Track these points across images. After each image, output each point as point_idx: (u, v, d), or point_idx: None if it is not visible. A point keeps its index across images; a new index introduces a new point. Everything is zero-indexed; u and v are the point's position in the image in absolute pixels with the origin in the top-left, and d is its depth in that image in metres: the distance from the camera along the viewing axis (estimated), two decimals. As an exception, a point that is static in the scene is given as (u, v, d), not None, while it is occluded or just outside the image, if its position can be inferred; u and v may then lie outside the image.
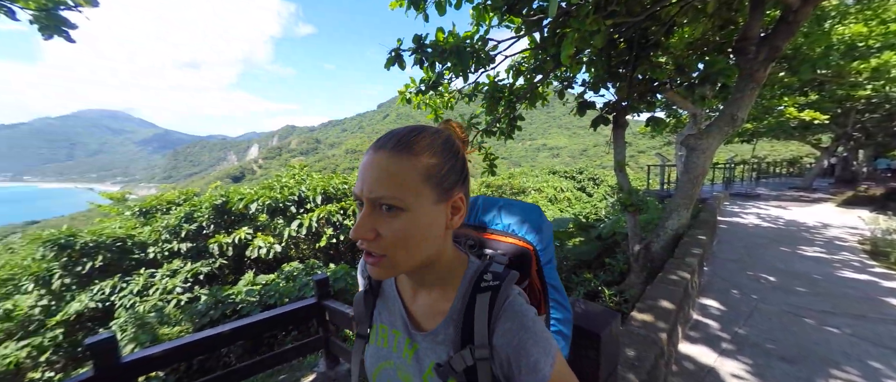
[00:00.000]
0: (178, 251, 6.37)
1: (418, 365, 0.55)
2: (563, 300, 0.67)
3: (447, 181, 0.50)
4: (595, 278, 3.65)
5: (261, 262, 6.66)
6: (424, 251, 0.50)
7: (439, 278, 0.56)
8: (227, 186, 8.42)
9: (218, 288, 4.83)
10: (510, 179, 16.15)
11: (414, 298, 0.60)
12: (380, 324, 0.63)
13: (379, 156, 0.48)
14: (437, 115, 4.83)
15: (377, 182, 0.47)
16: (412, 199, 0.47)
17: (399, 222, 0.47)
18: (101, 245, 5.85)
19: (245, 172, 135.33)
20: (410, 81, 4.20)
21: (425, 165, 0.48)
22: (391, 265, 0.49)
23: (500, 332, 0.49)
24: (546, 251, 0.65)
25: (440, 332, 0.54)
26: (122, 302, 5.47)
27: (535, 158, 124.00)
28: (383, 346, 0.61)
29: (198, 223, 6.59)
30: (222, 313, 4.04)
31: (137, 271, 5.95)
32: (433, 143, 0.50)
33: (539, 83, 4.46)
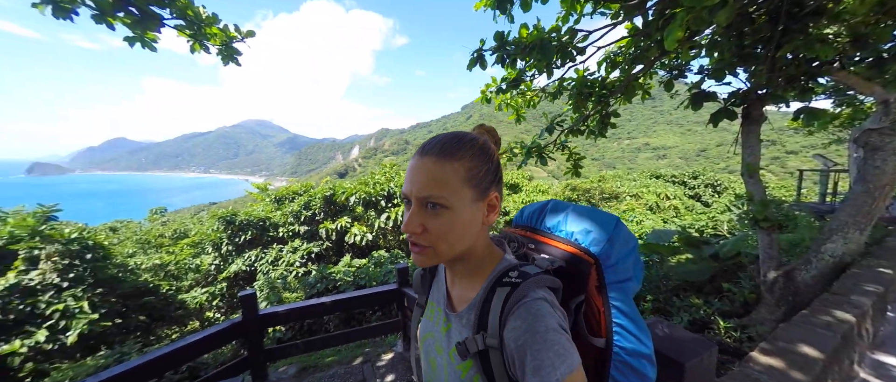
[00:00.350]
0: (298, 232, 7.86)
1: (448, 341, 0.61)
2: (636, 330, 0.59)
3: (484, 182, 0.56)
4: (706, 305, 3.02)
5: (356, 247, 7.67)
6: (462, 243, 0.56)
7: (471, 268, 0.61)
8: (334, 181, 9.95)
9: (324, 266, 5.78)
10: (600, 182, 14.50)
11: (454, 283, 0.66)
12: (431, 301, 0.71)
13: (425, 161, 0.54)
14: (518, 115, 4.72)
15: (424, 184, 0.53)
16: (454, 198, 0.53)
17: (443, 218, 0.53)
18: (250, 223, 7.66)
19: (348, 169, 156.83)
20: (491, 80, 4.21)
21: (465, 168, 0.54)
22: (434, 256, 0.56)
23: (509, 328, 0.51)
24: (615, 268, 0.60)
25: (465, 316, 0.59)
26: (261, 268, 7.04)
27: (634, 159, 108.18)
28: (430, 320, 0.69)
29: (312, 211, 7.99)
30: (326, 287, 4.83)
31: (272, 245, 7.58)
32: (471, 148, 0.55)
33: (639, 74, 3.92)
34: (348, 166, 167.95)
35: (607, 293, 0.60)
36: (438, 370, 0.62)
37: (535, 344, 0.48)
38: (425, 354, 0.68)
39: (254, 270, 7.15)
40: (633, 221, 8.97)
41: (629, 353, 0.58)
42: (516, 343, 0.49)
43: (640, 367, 0.58)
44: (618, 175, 17.60)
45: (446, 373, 0.59)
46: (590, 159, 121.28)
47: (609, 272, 0.60)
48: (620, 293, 0.60)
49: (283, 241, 7.76)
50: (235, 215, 7.62)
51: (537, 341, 0.48)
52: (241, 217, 7.60)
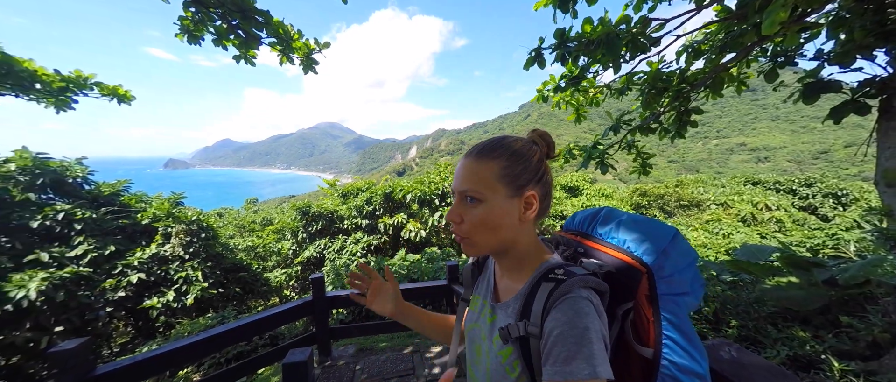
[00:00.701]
0: (360, 225, 8.54)
1: (491, 329, 0.66)
2: (688, 345, 0.56)
3: (520, 180, 0.60)
4: (815, 340, 2.49)
5: (410, 243, 8.03)
6: (499, 235, 0.61)
7: (517, 262, 0.65)
8: (393, 179, 10.57)
9: (381, 258, 6.20)
10: (678, 188, 12.71)
11: (502, 276, 0.71)
12: (476, 294, 0.77)
13: (466, 160, 0.63)
14: (578, 113, 4.44)
15: (463, 179, 0.61)
16: (488, 193, 0.59)
17: (478, 210, 0.60)
18: (321, 215, 8.57)
19: (405, 168, 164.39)
20: (549, 77, 4.03)
21: (499, 166, 0.60)
22: (473, 245, 0.62)
23: (550, 318, 0.54)
24: (669, 280, 0.58)
25: (510, 305, 0.63)
26: (328, 256, 7.83)
27: (725, 162, 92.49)
28: (474, 311, 0.74)
29: (373, 206, 8.61)
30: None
31: (338, 235, 8.38)
32: (508, 150, 0.61)
33: (732, 63, 3.39)
34: (406, 165, 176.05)
35: (659, 304, 0.58)
36: (482, 355, 0.67)
37: (572, 338, 0.50)
38: (470, 342, 0.73)
39: (323, 256, 8.00)
40: (719, 234, 7.69)
41: (680, 369, 0.55)
42: (554, 332, 0.52)
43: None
44: (701, 180, 15.15)
45: (488, 358, 0.64)
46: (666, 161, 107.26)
47: (662, 284, 0.58)
48: (674, 307, 0.58)
49: (348, 232, 8.52)
50: (309, 207, 8.62)
51: (574, 336, 0.50)
52: (314, 209, 8.57)
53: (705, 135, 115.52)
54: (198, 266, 5.81)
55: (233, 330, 2.27)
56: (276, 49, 3.16)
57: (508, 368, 0.58)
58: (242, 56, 3.05)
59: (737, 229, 7.75)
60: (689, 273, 0.59)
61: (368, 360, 2.99)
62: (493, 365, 0.62)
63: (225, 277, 6.28)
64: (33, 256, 4.51)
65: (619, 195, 14.03)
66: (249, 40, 2.87)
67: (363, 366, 2.89)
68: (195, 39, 2.90)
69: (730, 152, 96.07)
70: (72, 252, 4.89)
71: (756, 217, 8.64)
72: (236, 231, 10.39)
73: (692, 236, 6.87)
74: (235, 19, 2.68)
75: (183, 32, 2.86)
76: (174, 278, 5.59)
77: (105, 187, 6.06)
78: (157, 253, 5.65)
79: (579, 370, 0.48)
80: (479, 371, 0.68)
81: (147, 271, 5.41)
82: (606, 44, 2.78)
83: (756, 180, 13.79)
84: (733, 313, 2.93)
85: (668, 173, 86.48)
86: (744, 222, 8.57)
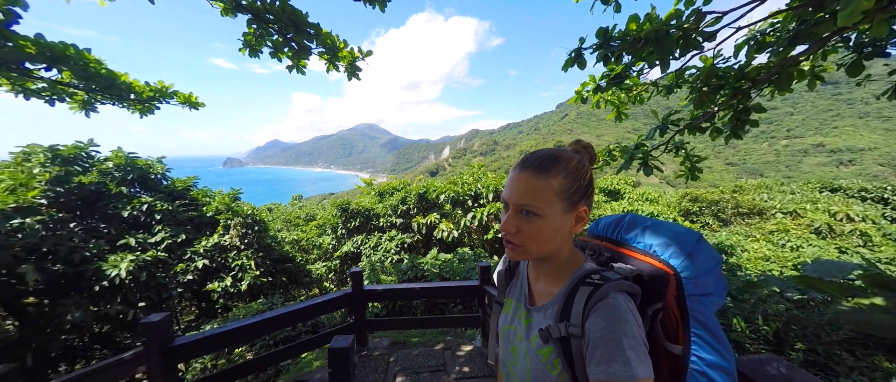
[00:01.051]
0: (394, 223, 8.84)
1: (529, 331, 0.70)
2: (715, 342, 0.61)
3: (575, 198, 0.63)
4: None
5: (443, 242, 8.15)
6: (549, 246, 0.65)
7: (556, 268, 0.69)
8: (426, 179, 10.79)
9: (414, 256, 6.38)
10: (735, 194, 11.45)
11: (536, 281, 0.74)
12: (509, 298, 0.81)
13: (525, 174, 0.64)
14: (619, 112, 4.24)
15: (522, 194, 0.63)
16: (547, 209, 0.62)
17: (535, 224, 0.63)
18: (359, 212, 9.01)
19: (439, 168, 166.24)
20: (589, 78, 3.89)
21: (558, 184, 0.62)
22: (524, 252, 0.66)
23: (591, 320, 0.58)
24: (695, 281, 0.62)
25: (548, 308, 0.67)
26: (365, 252, 8.21)
27: (796, 165, 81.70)
28: (508, 313, 0.78)
29: (407, 205, 8.87)
30: (415, 275, 5.33)
31: (374, 232, 8.74)
32: (566, 167, 0.63)
33: (804, 56, 3.03)
34: (439, 166, 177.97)
35: (686, 304, 0.62)
36: (519, 355, 0.71)
37: (613, 341, 0.54)
38: (506, 343, 0.77)
39: (359, 252, 8.40)
40: (786, 246, 6.81)
41: (709, 365, 0.59)
42: (597, 335, 0.56)
43: (719, 378, 0.59)
44: (764, 185, 13.46)
45: (528, 358, 0.68)
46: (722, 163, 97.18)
47: (689, 285, 0.62)
48: (701, 307, 0.62)
49: (383, 230, 8.86)
50: (348, 205, 9.10)
51: (614, 339, 0.54)
52: (352, 206, 9.03)
53: (772, 134, 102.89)
54: (251, 256, 6.40)
55: (283, 315, 2.50)
56: (324, 58, 3.41)
57: (549, 366, 0.63)
58: (295, 66, 3.33)
59: (808, 242, 6.79)
60: (713, 275, 0.63)
61: (402, 353, 3.12)
62: (534, 363, 0.66)
63: (274, 267, 6.86)
64: (124, 241, 5.29)
65: (666, 200, 12.98)
66: (301, 51, 3.14)
67: (397, 358, 3.02)
68: (255, 53, 3.22)
69: (803, 154, 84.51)
70: (152, 239, 5.65)
71: (834, 229, 7.48)
72: (284, 225, 11.26)
73: (751, 248, 6.18)
74: (290, 33, 2.95)
75: (245, 47, 3.20)
76: (231, 265, 6.22)
77: (178, 183, 6.90)
78: (218, 243, 6.33)
79: (621, 371, 0.52)
80: (517, 369, 0.72)
81: (210, 258, 6.08)
82: (656, 42, 2.64)
83: (835, 187, 11.96)
84: (800, 335, 2.63)
85: (724, 177, 78.23)
86: (818, 234, 7.48)
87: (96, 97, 3.65)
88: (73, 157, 5.52)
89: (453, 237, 7.81)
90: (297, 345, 2.81)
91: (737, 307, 3.07)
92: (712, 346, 0.60)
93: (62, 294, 4.66)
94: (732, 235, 7.46)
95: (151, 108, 4.07)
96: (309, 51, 3.13)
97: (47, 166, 5.17)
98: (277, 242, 7.69)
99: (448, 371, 2.81)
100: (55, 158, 5.31)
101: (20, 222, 4.24)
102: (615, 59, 3.15)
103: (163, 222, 5.99)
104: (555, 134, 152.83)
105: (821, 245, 6.59)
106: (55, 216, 4.98)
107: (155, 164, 6.55)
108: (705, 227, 10.32)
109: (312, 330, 4.40)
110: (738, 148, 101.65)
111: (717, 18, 2.88)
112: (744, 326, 2.72)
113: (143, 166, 6.32)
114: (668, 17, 2.86)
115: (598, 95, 3.96)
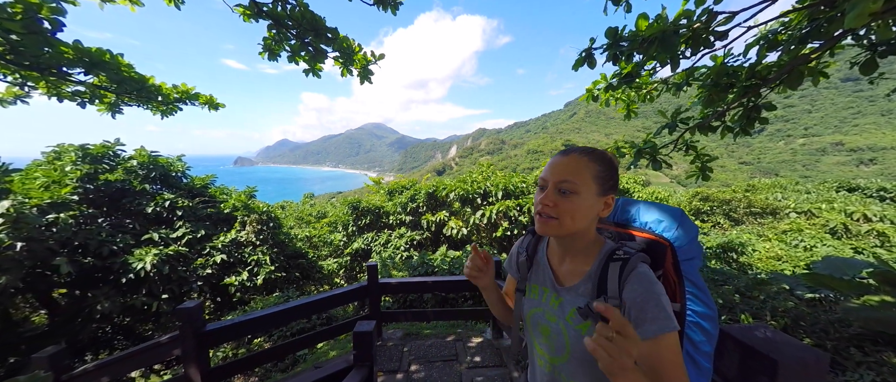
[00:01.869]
0: (404, 221, 8.99)
1: (561, 310, 0.77)
2: (703, 297, 0.75)
3: (606, 185, 0.73)
4: (913, 368, 2.18)
5: (452, 240, 8.26)
6: (581, 223, 0.73)
7: (582, 249, 0.78)
8: (434, 177, 10.90)
9: (424, 253, 6.50)
10: (748, 193, 11.24)
11: (560, 264, 0.82)
12: (533, 284, 0.87)
13: (568, 157, 0.73)
14: (629, 110, 4.27)
15: (563, 171, 0.72)
16: (584, 188, 0.71)
17: (571, 201, 0.71)
18: (369, 210, 9.18)
19: (446, 168, 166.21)
20: (600, 77, 3.94)
21: (596, 168, 0.72)
22: (557, 226, 0.73)
23: (628, 289, 0.67)
24: (685, 249, 0.75)
25: (580, 286, 0.75)
26: (375, 248, 8.37)
27: (814, 164, 79.32)
28: (534, 297, 0.85)
29: (417, 203, 9.00)
30: (425, 271, 5.45)
31: (383, 230, 8.90)
32: (603, 157, 0.74)
33: (816, 54, 3.04)
34: (446, 165, 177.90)
35: (681, 268, 0.75)
36: (553, 334, 0.78)
37: (651, 302, 0.65)
38: (534, 326, 0.83)
39: (370, 249, 8.57)
40: (799, 246, 6.71)
41: (700, 315, 0.73)
42: (637, 300, 0.66)
43: (707, 325, 0.73)
44: (778, 184, 13.18)
45: (566, 334, 0.75)
46: (736, 162, 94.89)
47: (680, 253, 0.75)
48: (691, 269, 0.75)
49: (392, 227, 9.01)
50: (359, 203, 9.27)
51: (653, 299, 0.65)
52: (362, 204, 9.20)
53: (788, 132, 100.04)
54: (266, 252, 6.61)
55: (304, 305, 2.65)
56: (338, 63, 3.54)
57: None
58: (311, 69, 3.46)
59: (823, 242, 6.67)
60: (695, 243, 0.76)
61: (415, 344, 3.23)
62: (573, 338, 0.73)
63: (287, 262, 7.06)
64: (148, 235, 5.53)
65: (676, 199, 12.84)
66: (318, 55, 3.27)
67: (410, 348, 3.14)
68: (274, 56, 3.37)
69: (821, 153, 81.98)
70: (174, 234, 5.89)
71: (850, 229, 7.33)
72: (296, 223, 11.51)
73: (763, 248, 6.11)
74: (308, 37, 3.08)
75: (265, 50, 3.35)
76: (247, 260, 6.43)
77: (197, 181, 7.16)
78: (235, 238, 6.55)
79: (666, 324, 0.63)
80: (549, 347, 0.79)
81: (227, 253, 6.31)
82: (661, 42, 2.69)
83: (853, 186, 11.66)
84: (809, 331, 2.66)
85: (737, 177, 76.38)
86: (833, 234, 7.34)
87: (124, 99, 3.85)
88: (101, 155, 5.79)
89: (462, 235, 7.91)
90: (314, 335, 2.96)
91: (745, 303, 3.10)
92: (701, 300, 0.74)
93: (92, 286, 4.91)
94: (743, 234, 7.37)
95: (174, 109, 4.26)
96: (325, 55, 3.26)
97: (78, 165, 5.43)
98: (290, 238, 7.90)
99: (460, 360, 2.92)
100: (85, 156, 5.59)
101: (54, 217, 4.49)
102: (625, 58, 3.20)
103: (184, 218, 6.24)
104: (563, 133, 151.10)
105: (835, 245, 6.48)
106: (85, 212, 5.24)
107: (175, 162, 6.81)
108: (716, 226, 10.19)
109: (326, 323, 4.56)
110: (753, 147, 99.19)
111: (728, 18, 2.92)
112: (752, 322, 2.76)
113: (164, 164, 6.57)
114: (678, 16, 2.90)
115: (608, 93, 4.00)
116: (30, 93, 3.53)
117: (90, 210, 5.39)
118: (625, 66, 3.51)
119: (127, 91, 3.42)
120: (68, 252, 4.68)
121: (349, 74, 3.94)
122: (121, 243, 5.10)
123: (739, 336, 0.78)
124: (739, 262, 5.58)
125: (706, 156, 3.73)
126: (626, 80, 3.68)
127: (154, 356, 2.19)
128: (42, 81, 3.38)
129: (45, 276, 4.49)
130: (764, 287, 3.44)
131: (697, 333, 0.74)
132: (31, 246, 3.94)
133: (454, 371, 2.76)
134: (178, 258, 5.57)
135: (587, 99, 4.17)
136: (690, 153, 3.67)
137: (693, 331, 0.74)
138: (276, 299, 5.22)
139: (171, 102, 3.88)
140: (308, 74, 3.55)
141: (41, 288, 4.63)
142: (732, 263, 5.65)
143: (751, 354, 0.68)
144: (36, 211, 4.16)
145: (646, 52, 2.98)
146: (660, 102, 12.68)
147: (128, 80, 3.22)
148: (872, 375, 2.10)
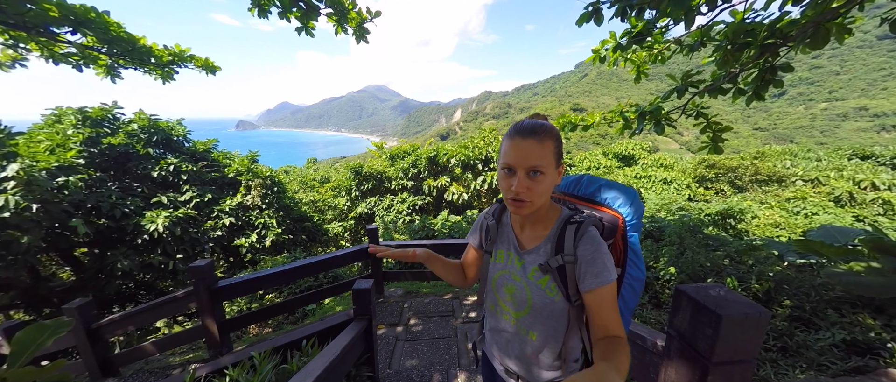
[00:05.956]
0: (406, 186, 9.08)
1: (523, 270, 0.89)
2: (639, 262, 0.89)
3: (560, 157, 0.80)
4: (885, 328, 2.30)
5: (453, 205, 8.39)
6: (545, 198, 0.81)
7: (541, 216, 0.88)
8: (437, 142, 10.79)
9: (425, 217, 6.65)
10: (756, 160, 11.00)
11: (521, 230, 0.92)
12: (498, 249, 0.97)
13: (529, 141, 0.76)
14: (639, 72, 4.07)
15: (531, 157, 0.76)
16: (548, 167, 0.77)
17: (540, 182, 0.78)
18: (371, 175, 9.25)
19: (449, 132, 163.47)
20: (609, 35, 3.71)
21: (553, 146, 0.78)
22: (531, 207, 0.81)
23: (581, 248, 0.78)
24: (634, 224, 0.87)
25: (541, 247, 0.86)
26: (378, 213, 8.56)
27: (833, 131, 76.38)
28: (499, 261, 0.95)
29: (418, 169, 9.02)
30: (426, 234, 5.63)
31: (386, 194, 9.04)
32: (553, 133, 0.78)
33: (846, 8, 2.80)
34: (450, 129, 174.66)
35: (627, 238, 0.87)
36: (516, 291, 0.89)
37: (599, 259, 0.77)
38: (500, 286, 0.94)
39: (373, 213, 8.77)
40: (800, 214, 6.71)
41: (634, 278, 0.88)
42: (587, 257, 0.78)
43: (638, 287, 0.88)
44: (788, 151, 12.83)
45: (527, 289, 0.87)
46: (751, 128, 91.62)
47: (629, 226, 0.88)
48: (634, 237, 0.88)
49: (395, 192, 9.13)
50: (361, 168, 9.32)
51: (600, 257, 0.77)
52: (365, 169, 9.25)
53: (811, 96, 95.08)
54: (272, 215, 6.81)
55: (311, 264, 2.80)
56: (332, 19, 3.36)
57: (548, 290, 0.84)
58: (303, 27, 3.31)
59: (825, 210, 6.65)
60: (639, 216, 0.88)
61: (414, 301, 3.44)
62: (534, 292, 0.85)
63: (294, 225, 7.30)
64: (156, 198, 5.70)
65: (681, 166, 12.63)
66: (310, 12, 3.10)
67: (410, 305, 3.35)
68: (264, 13, 3.20)
69: (842, 119, 78.44)
70: (181, 197, 6.05)
71: (855, 197, 7.26)
72: (300, 187, 11.69)
73: (763, 215, 6.12)
74: (299, -10, 2.90)
75: (254, 6, 3.18)
76: (255, 223, 6.66)
77: (199, 145, 7.19)
78: (241, 202, 6.73)
79: (607, 277, 0.76)
80: (514, 303, 0.90)
81: (235, 216, 6.52)
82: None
83: (868, 154, 11.32)
84: (790, 293, 2.77)
85: (751, 143, 74.24)
86: (837, 203, 7.29)
87: (119, 61, 3.76)
88: (101, 119, 5.79)
89: (463, 200, 8.01)
90: (321, 290, 3.15)
91: (734, 268, 3.19)
92: (636, 264, 0.88)
93: (110, 246, 5.18)
94: (743, 200, 7.35)
95: (171, 73, 4.17)
96: (318, 11, 3.09)
97: (79, 128, 5.46)
98: (295, 202, 8.08)
99: (455, 315, 3.12)
100: (85, 119, 5.59)
101: (64, 180, 4.61)
102: (636, 14, 2.99)
103: (189, 182, 6.37)
104: (572, 96, 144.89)
105: (838, 213, 6.47)
106: (93, 176, 5.37)
107: (176, 126, 6.80)
108: (719, 194, 10.14)
109: (332, 281, 4.83)
110: (771, 112, 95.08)
111: (751, -33, 2.67)
112: (736, 285, 2.86)
113: (165, 128, 6.57)
114: (696, -34, 2.65)
115: (617, 53, 3.78)
116: (26, 56, 3.46)
117: (98, 174, 5.51)
118: (636, 23, 3.28)
119: (119, 52, 3.33)
120: (83, 214, 4.87)
121: (343, 33, 3.77)
122: (131, 205, 5.27)
123: (693, 293, 0.83)
124: (737, 229, 5.64)
125: (718, 124, 3.55)
126: (637, 39, 3.46)
127: (172, 308, 2.37)
128: (33, 43, 3.30)
129: (65, 236, 4.73)
130: (754, 253, 3.51)
131: (629, 291, 0.88)
132: (46, 208, 4.10)
133: (450, 326, 2.96)
134: (189, 221, 5.78)
135: (594, 61, 3.96)
136: (701, 120, 3.52)
137: (627, 290, 0.88)
138: (285, 259, 5.48)
139: (165, 64, 3.78)
140: (301, 33, 3.40)
141: (62, 247, 4.90)
142: (730, 230, 5.71)
143: (700, 309, 0.74)
144: (45, 174, 4.27)
145: (658, 6, 2.78)
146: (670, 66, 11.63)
147: (117, 39, 3.12)
148: (844, 334, 2.23)
